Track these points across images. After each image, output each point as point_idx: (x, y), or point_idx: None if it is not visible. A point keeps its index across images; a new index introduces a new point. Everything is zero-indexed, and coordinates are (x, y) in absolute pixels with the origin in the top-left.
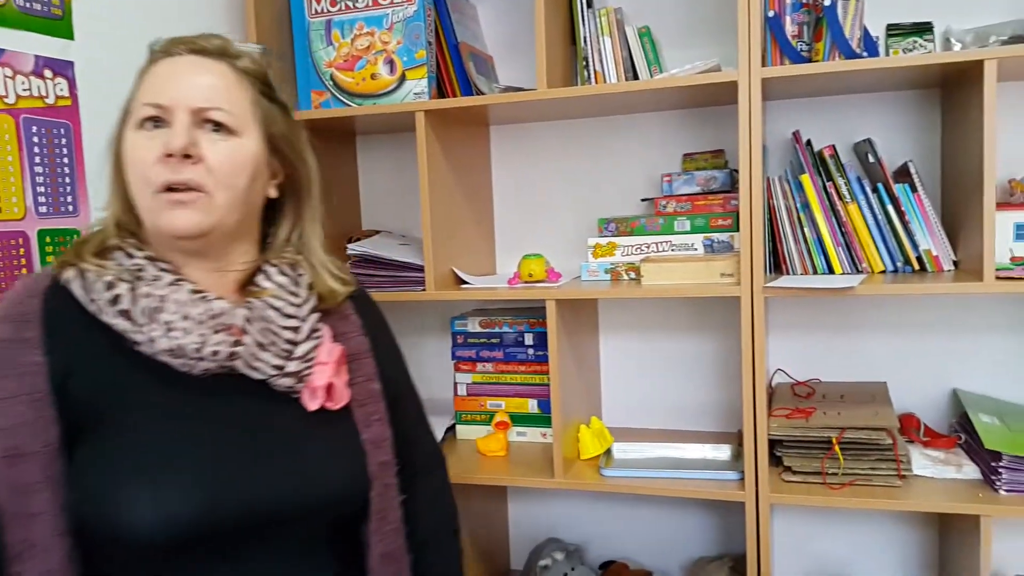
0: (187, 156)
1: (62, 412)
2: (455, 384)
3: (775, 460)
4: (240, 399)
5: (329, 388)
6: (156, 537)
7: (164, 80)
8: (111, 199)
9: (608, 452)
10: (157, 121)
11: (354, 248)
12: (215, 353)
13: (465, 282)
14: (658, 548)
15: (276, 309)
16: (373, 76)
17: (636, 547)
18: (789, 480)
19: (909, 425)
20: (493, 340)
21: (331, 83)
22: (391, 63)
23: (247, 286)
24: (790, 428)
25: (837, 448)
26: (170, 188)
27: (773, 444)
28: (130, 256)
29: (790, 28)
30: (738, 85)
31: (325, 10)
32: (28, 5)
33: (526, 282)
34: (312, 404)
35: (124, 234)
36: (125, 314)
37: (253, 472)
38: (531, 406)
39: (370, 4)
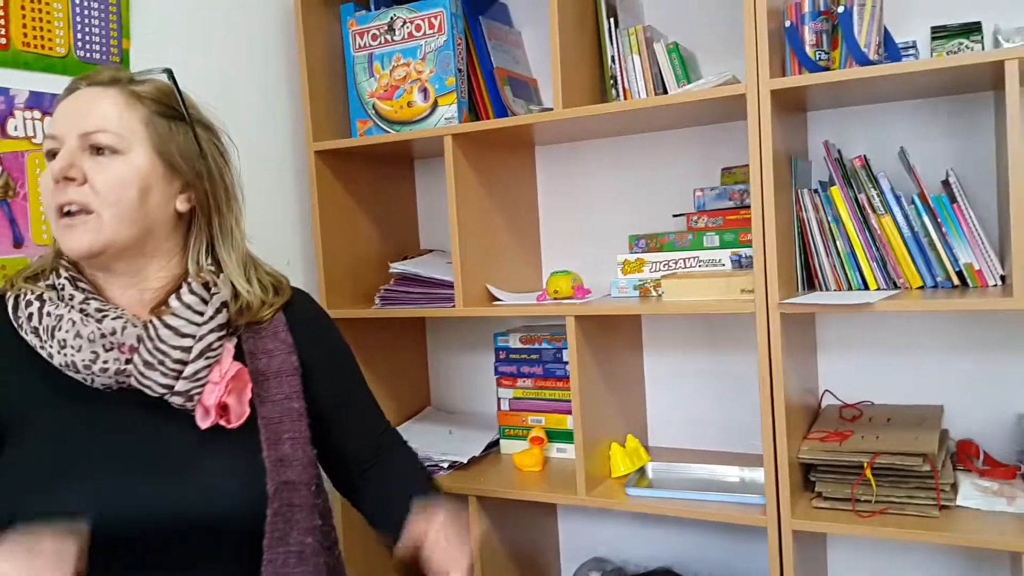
0: (71, 179)
1: (11, 400)
2: (498, 399)
3: (809, 485)
4: (139, 413)
5: (225, 407)
6: None
7: (60, 114)
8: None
9: (643, 471)
10: (55, 153)
11: (395, 267)
12: (104, 370)
13: (498, 299)
14: (708, 571)
15: (172, 328)
16: (409, 104)
17: (686, 570)
18: (819, 506)
19: (967, 452)
20: (533, 356)
21: (373, 112)
22: (425, 91)
23: (164, 304)
24: (821, 452)
25: (868, 473)
26: (64, 212)
27: (808, 468)
28: (58, 276)
29: (808, 37)
30: (746, 98)
31: (367, 44)
32: (88, 55)
33: (553, 299)
34: (203, 423)
35: (61, 258)
36: (36, 331)
37: (141, 485)
38: (569, 422)
39: (406, 37)
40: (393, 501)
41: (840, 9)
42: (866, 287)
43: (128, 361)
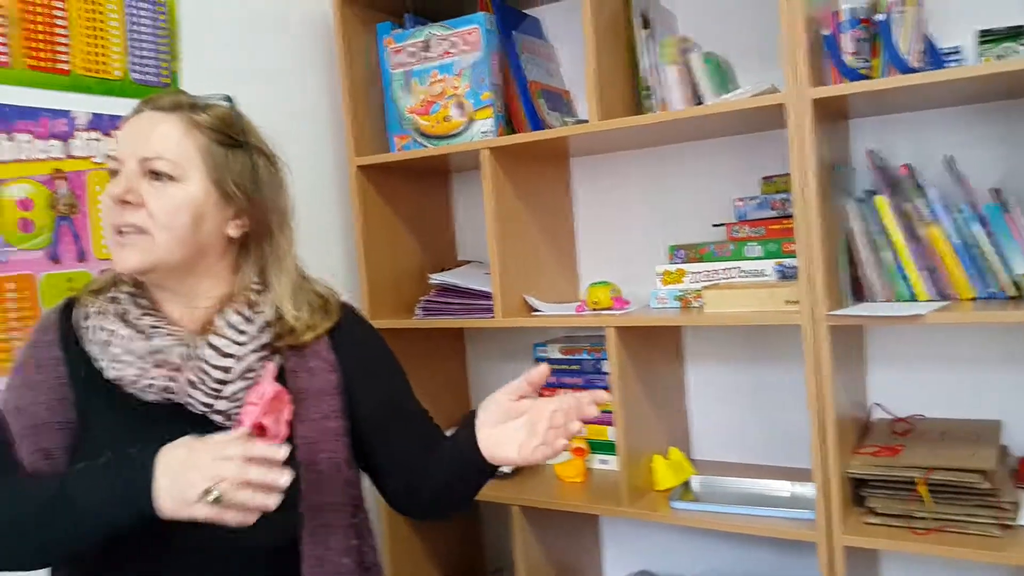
0: (128, 202)
1: (78, 402)
2: None
3: (859, 501)
4: (185, 429)
5: (262, 427)
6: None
7: (123, 135)
8: None
9: (688, 484)
10: (116, 173)
11: (435, 278)
12: (151, 386)
13: (537, 310)
14: None
15: (215, 348)
16: (446, 119)
17: None
18: (871, 522)
19: None
20: (573, 367)
21: (412, 127)
22: (461, 106)
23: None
24: (872, 467)
25: (922, 490)
26: (119, 231)
27: (859, 484)
28: (119, 291)
29: (848, 45)
30: (785, 108)
31: (404, 61)
32: (142, 78)
33: (592, 310)
34: None
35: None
36: (93, 344)
37: None
38: (610, 433)
39: (442, 54)
40: (454, 442)
41: (879, 17)
42: (915, 298)
43: (173, 379)
